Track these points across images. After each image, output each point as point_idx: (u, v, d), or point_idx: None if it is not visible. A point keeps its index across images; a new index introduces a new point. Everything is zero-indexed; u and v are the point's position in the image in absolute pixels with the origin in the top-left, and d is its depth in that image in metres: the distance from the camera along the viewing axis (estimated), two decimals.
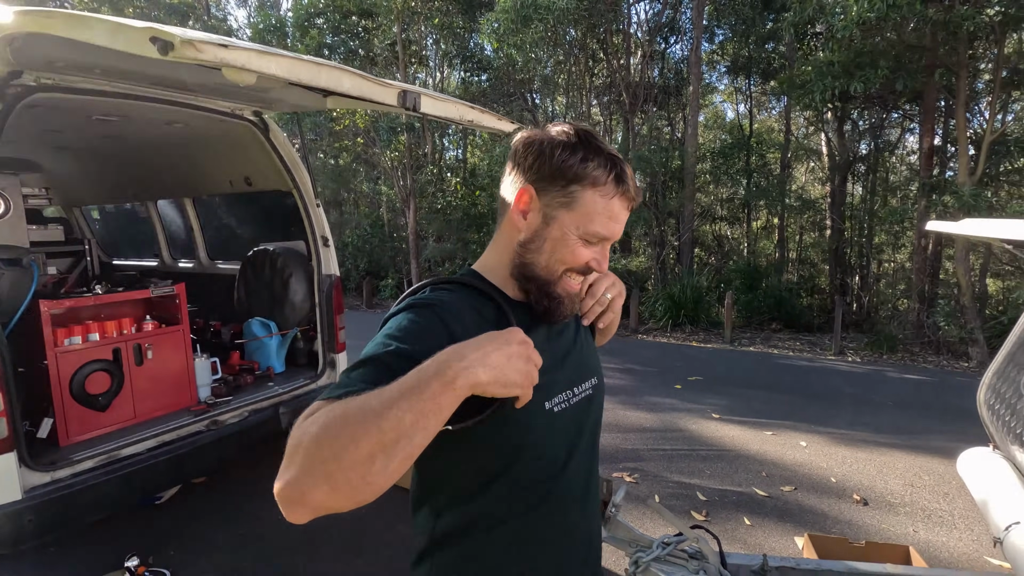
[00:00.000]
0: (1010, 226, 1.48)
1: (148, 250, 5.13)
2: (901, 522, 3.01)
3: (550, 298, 0.85)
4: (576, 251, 0.84)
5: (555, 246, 0.84)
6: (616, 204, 0.83)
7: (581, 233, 0.83)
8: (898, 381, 6.05)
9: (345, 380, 0.69)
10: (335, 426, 0.59)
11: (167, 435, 2.84)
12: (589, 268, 0.86)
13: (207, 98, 3.11)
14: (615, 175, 0.82)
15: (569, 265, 0.84)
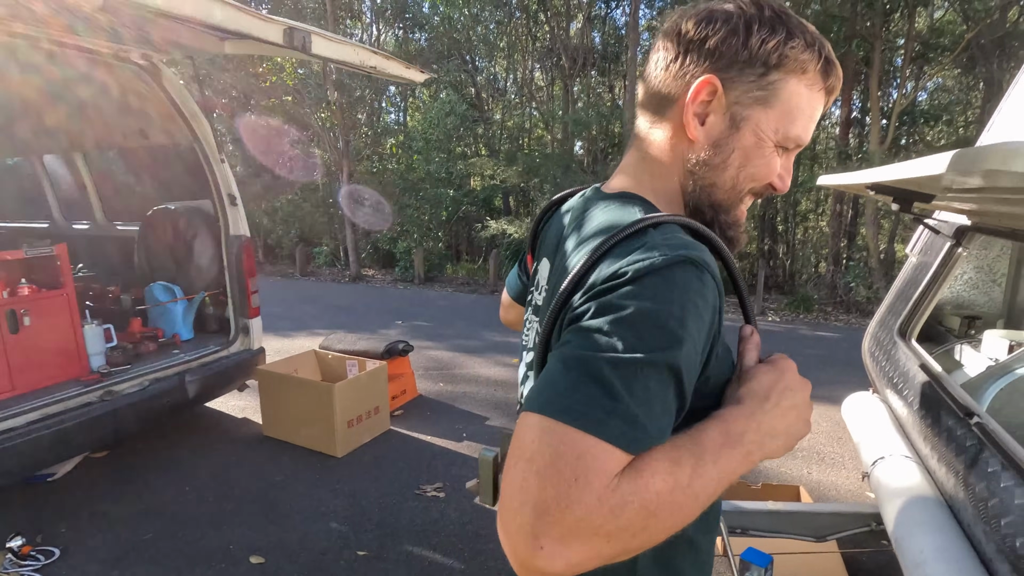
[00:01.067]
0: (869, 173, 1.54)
1: (38, 212, 4.67)
2: (798, 465, 3.22)
3: (735, 227, 0.68)
4: (772, 162, 0.65)
5: (747, 156, 0.64)
6: (820, 100, 0.64)
7: (780, 138, 0.63)
8: (810, 338, 6.45)
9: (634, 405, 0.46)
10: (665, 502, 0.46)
11: (52, 407, 2.62)
12: (772, 188, 0.67)
13: (85, 38, 2.79)
14: (824, 61, 0.62)
15: (759, 181, 0.66)
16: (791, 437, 0.58)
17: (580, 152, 13.42)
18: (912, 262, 2.29)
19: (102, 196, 4.22)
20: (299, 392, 3.40)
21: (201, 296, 3.59)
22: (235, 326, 3.57)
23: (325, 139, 12.00)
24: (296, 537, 2.56)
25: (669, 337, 0.48)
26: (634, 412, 0.46)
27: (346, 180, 11.60)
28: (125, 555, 2.44)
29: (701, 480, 0.48)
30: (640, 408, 0.46)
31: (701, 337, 0.52)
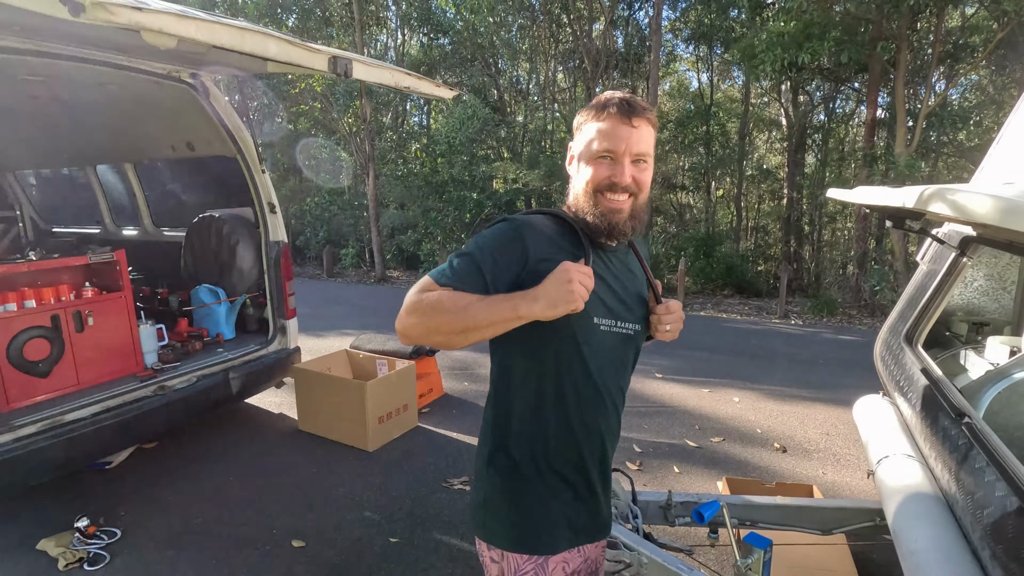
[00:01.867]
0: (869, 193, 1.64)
1: (90, 217, 4.99)
2: (813, 466, 3.30)
3: (599, 217, 1.04)
4: (597, 169, 1.03)
5: (583, 171, 1.05)
6: (609, 121, 1.02)
7: (592, 155, 1.03)
8: (832, 342, 6.44)
9: (449, 269, 1.00)
10: (443, 306, 0.94)
11: (112, 400, 2.87)
12: (612, 182, 1.02)
13: (141, 60, 3.03)
14: (605, 105, 1.03)
15: (597, 182, 1.03)
16: (548, 299, 0.90)
17: None
18: (922, 270, 2.36)
19: (150, 203, 4.50)
20: (333, 389, 3.61)
21: (243, 298, 3.83)
22: (273, 326, 3.79)
23: (352, 143, 12.31)
24: (333, 524, 2.75)
25: (478, 245, 1.02)
26: (446, 269, 1.00)
27: (372, 183, 11.88)
28: (179, 537, 2.66)
29: (473, 306, 0.93)
30: (451, 268, 1.00)
31: (504, 253, 1.01)
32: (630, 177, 1.02)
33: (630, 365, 1.18)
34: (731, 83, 19.26)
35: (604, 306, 1.07)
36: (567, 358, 1.06)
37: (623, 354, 1.13)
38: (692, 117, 12.85)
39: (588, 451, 1.10)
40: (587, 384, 1.07)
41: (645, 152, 1.04)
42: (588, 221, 1.06)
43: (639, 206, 1.07)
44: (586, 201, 1.06)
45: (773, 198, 15.65)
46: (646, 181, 1.06)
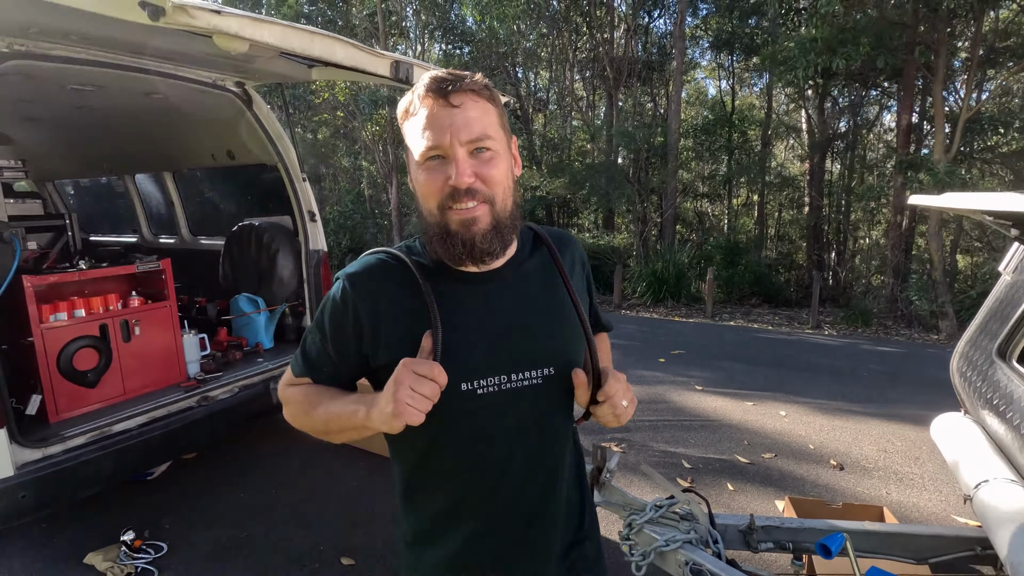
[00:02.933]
0: (988, 199, 1.54)
1: (126, 226, 5.01)
2: (875, 485, 3.16)
3: (451, 237, 0.81)
4: (430, 178, 0.80)
5: (417, 185, 0.84)
6: (423, 111, 0.79)
7: (419, 161, 0.81)
8: (872, 353, 6.26)
9: (302, 354, 0.93)
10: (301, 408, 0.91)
11: (158, 411, 2.83)
12: (455, 189, 0.79)
13: (189, 68, 3.02)
14: (416, 94, 0.81)
15: (436, 195, 0.80)
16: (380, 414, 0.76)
17: (623, 162, 13.40)
18: (1006, 280, 2.24)
19: (188, 212, 4.51)
20: None
21: (283, 308, 3.79)
22: None
23: (375, 152, 12.37)
24: (381, 540, 2.67)
25: (319, 316, 0.90)
26: (299, 355, 0.93)
27: (395, 192, 11.91)
28: (225, 552, 2.60)
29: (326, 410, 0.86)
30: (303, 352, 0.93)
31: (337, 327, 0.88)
32: (470, 174, 0.78)
33: (555, 423, 0.90)
34: (748, 91, 19.14)
35: (479, 360, 0.83)
36: (429, 449, 0.87)
37: (533, 413, 0.87)
38: (715, 124, 12.72)
39: (496, 549, 0.90)
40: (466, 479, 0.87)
41: (481, 135, 0.79)
42: (438, 249, 0.83)
43: (501, 212, 0.82)
44: (431, 222, 0.82)
45: (793, 206, 15.43)
46: (498, 176, 0.81)
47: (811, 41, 7.40)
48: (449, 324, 0.82)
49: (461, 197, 0.79)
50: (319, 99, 12.65)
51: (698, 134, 13.09)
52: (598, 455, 2.02)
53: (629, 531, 1.91)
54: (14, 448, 2.26)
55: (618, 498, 1.99)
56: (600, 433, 3.88)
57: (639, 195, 12.08)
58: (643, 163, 12.70)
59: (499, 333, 0.85)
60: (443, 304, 0.83)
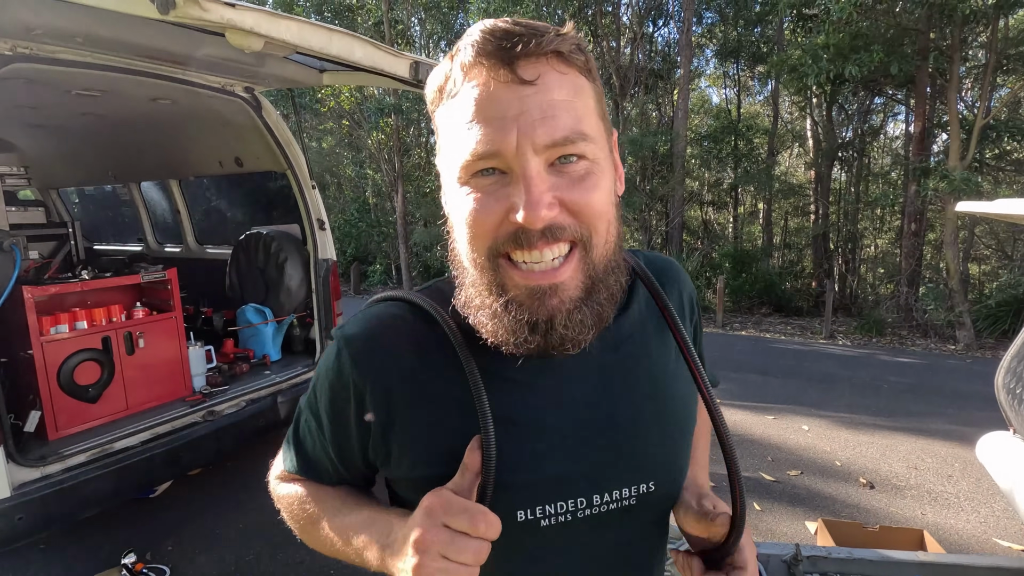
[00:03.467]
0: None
1: (131, 234, 4.93)
2: (908, 505, 3.02)
3: (510, 313, 0.51)
4: (480, 206, 0.49)
5: (454, 216, 0.53)
6: (472, 94, 0.49)
7: (460, 176, 0.51)
8: (890, 364, 6.12)
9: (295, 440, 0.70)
10: (296, 517, 0.68)
11: (162, 427, 2.71)
12: (519, 226, 0.48)
13: (196, 72, 2.93)
14: (458, 57, 0.50)
15: (486, 236, 0.50)
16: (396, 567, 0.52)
17: (630, 170, 13.32)
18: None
19: (194, 220, 4.42)
20: None
21: (291, 318, 3.68)
22: (320, 347, 3.63)
23: (380, 160, 12.32)
24: None
25: (312, 394, 0.65)
26: (291, 438, 0.69)
27: (400, 200, 11.84)
28: (231, 575, 2.48)
29: (326, 533, 0.61)
30: (296, 437, 0.69)
31: (336, 414, 0.61)
32: (551, 202, 0.48)
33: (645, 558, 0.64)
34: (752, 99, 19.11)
35: (548, 477, 0.56)
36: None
37: (619, 547, 0.61)
38: (721, 132, 12.65)
39: None
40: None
41: (572, 134, 0.48)
42: (487, 325, 0.53)
43: (601, 261, 0.52)
44: (476, 280, 0.53)
45: (798, 214, 15.33)
46: (598, 203, 0.50)
47: (822, 48, 7.33)
48: (502, 421, 0.54)
49: (534, 241, 0.48)
50: (325, 108, 12.63)
51: (704, 142, 13.02)
52: None
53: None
54: (11, 468, 2.15)
55: None
56: None
57: (646, 204, 11.98)
58: (650, 171, 12.62)
59: (577, 434, 0.57)
60: (493, 390, 0.54)
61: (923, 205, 8.27)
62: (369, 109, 11.52)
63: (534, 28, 0.49)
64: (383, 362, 0.58)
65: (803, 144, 16.64)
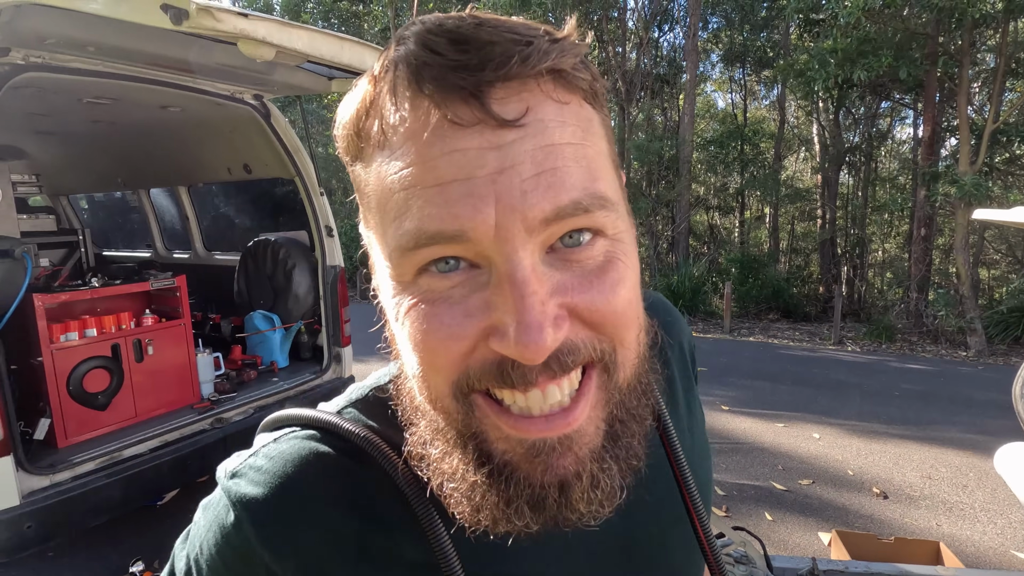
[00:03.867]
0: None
1: (140, 241, 4.95)
2: (923, 515, 2.97)
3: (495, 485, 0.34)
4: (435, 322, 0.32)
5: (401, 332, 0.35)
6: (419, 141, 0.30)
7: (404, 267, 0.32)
8: (900, 371, 6.06)
9: None
10: None
11: (170, 434, 2.71)
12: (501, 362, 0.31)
13: (206, 80, 2.94)
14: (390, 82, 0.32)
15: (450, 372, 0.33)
16: None
17: (636, 175, 13.31)
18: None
19: (202, 226, 4.43)
20: None
21: (299, 325, 3.68)
22: (328, 354, 3.63)
23: None
24: None
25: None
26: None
27: None
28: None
29: None
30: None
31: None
32: (559, 316, 0.31)
33: None
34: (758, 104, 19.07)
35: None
36: None
37: None
38: (728, 137, 12.62)
39: None
40: None
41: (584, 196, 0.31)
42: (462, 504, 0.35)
43: (625, 385, 0.35)
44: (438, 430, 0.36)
45: (805, 218, 15.26)
46: (623, 303, 0.33)
47: (830, 52, 7.30)
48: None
49: (532, 379, 0.31)
50: (332, 113, 12.69)
51: (711, 146, 12.99)
52: None
53: None
54: (20, 476, 2.15)
55: None
56: None
57: (652, 209, 11.95)
58: (656, 176, 12.60)
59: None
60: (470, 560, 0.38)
61: (932, 210, 8.21)
62: None
63: (514, 30, 0.31)
64: (310, 535, 0.39)
65: (810, 148, 16.59)
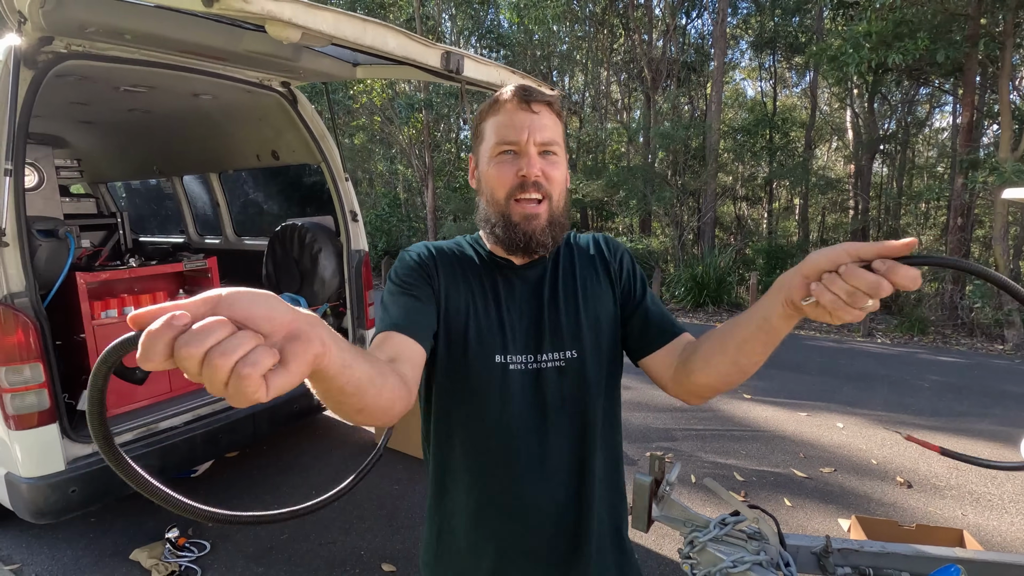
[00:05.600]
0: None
1: (173, 226, 5.12)
2: (948, 505, 2.92)
3: (513, 228, 0.88)
4: (500, 169, 0.88)
5: (486, 177, 0.90)
6: (505, 111, 0.88)
7: (492, 154, 0.89)
8: (932, 363, 5.90)
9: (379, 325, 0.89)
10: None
11: (202, 409, 2.83)
12: (524, 179, 0.87)
13: (235, 67, 3.03)
14: (498, 95, 0.90)
15: (505, 185, 0.88)
16: None
17: (661, 164, 13.15)
18: None
19: (232, 212, 4.56)
20: None
21: (324, 307, 3.78)
22: (352, 336, 3.72)
23: (411, 156, 12.46)
24: (415, 548, 2.60)
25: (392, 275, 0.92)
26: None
27: (431, 195, 11.96)
28: (267, 553, 2.57)
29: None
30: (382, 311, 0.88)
31: (413, 274, 0.90)
32: (539, 168, 0.87)
33: (579, 401, 0.92)
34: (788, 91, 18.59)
35: (517, 339, 0.90)
36: (467, 408, 0.90)
37: (556, 392, 0.91)
38: (757, 125, 12.34)
39: (515, 511, 0.91)
40: (500, 438, 0.89)
41: (552, 140, 0.88)
42: (499, 235, 0.90)
43: (556, 210, 0.90)
44: (495, 212, 0.90)
45: (836, 209, 14.87)
46: (559, 177, 0.89)
47: (864, 36, 7.08)
48: (495, 298, 0.92)
49: (528, 188, 0.87)
50: (357, 104, 12.84)
51: (738, 135, 12.73)
52: (656, 466, 1.89)
53: (690, 549, 1.77)
54: (65, 443, 2.28)
55: (678, 513, 1.85)
56: (647, 441, 3.74)
57: (677, 198, 11.80)
58: (682, 165, 12.42)
59: (530, 314, 0.92)
60: (498, 280, 0.94)
61: (971, 199, 7.93)
62: (400, 105, 11.64)
63: (540, 89, 0.90)
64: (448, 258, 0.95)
65: (842, 137, 16.13)
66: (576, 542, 0.95)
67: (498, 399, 0.89)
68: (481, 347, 0.88)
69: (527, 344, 0.90)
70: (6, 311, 2.10)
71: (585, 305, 0.94)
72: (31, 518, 2.26)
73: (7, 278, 2.13)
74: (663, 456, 1.89)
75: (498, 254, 0.94)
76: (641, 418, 4.15)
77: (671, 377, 0.90)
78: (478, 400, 0.89)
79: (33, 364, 2.15)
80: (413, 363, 0.78)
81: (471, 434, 0.91)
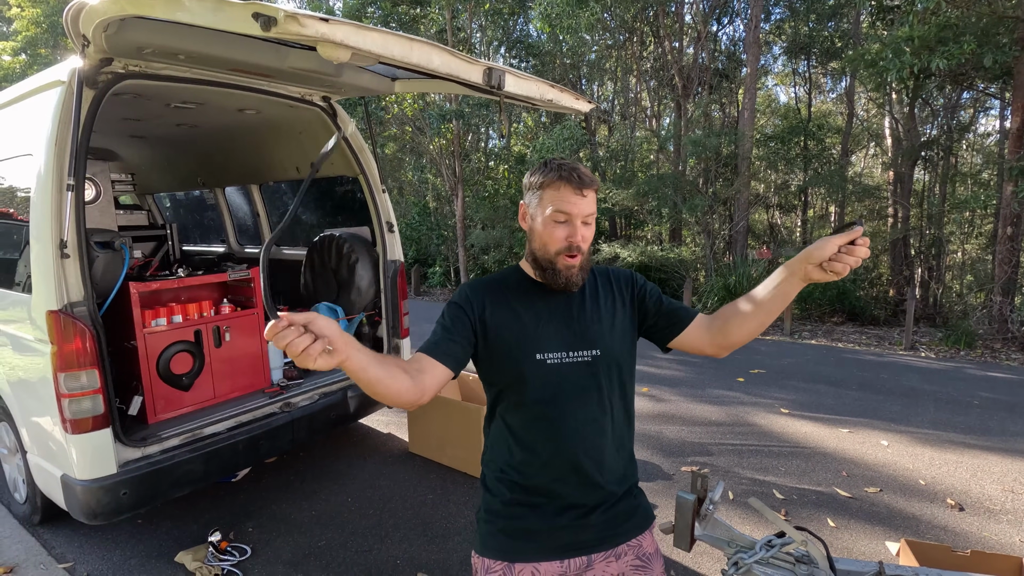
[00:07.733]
0: None
1: (215, 237, 5.29)
2: (1004, 530, 2.79)
3: (557, 273, 1.19)
4: (552, 232, 1.17)
5: (538, 233, 1.19)
6: (563, 190, 1.15)
7: (550, 219, 1.16)
8: (982, 379, 5.65)
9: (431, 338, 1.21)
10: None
11: (244, 416, 2.90)
12: (570, 244, 1.16)
13: (280, 83, 3.13)
14: (557, 175, 1.15)
15: (555, 245, 1.17)
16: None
17: (692, 172, 12.99)
18: None
19: (272, 223, 4.69)
20: (446, 412, 3.51)
21: (360, 316, 3.84)
22: (388, 345, 3.77)
23: (440, 165, 12.60)
24: (457, 559, 2.60)
25: (447, 308, 1.23)
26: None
27: (460, 204, 12.06)
28: (305, 559, 2.61)
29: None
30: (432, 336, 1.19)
31: (454, 310, 1.21)
32: (581, 237, 1.16)
33: (602, 387, 1.23)
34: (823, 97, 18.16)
35: (552, 341, 1.20)
36: (513, 393, 1.21)
37: (583, 380, 1.21)
38: (791, 132, 12.09)
39: (553, 475, 1.21)
40: (537, 415, 1.20)
41: (590, 215, 1.18)
42: (547, 276, 1.21)
43: (585, 258, 1.20)
44: (546, 259, 1.19)
45: (874, 217, 14.41)
46: (591, 237, 1.21)
47: (905, 40, 6.89)
48: (539, 313, 1.22)
49: (573, 250, 1.17)
50: (388, 115, 13.06)
51: (771, 142, 12.48)
52: (698, 484, 1.86)
53: (735, 570, 1.73)
54: (117, 447, 2.37)
55: (722, 532, 1.82)
56: (682, 456, 3.68)
57: (709, 206, 11.63)
58: (713, 173, 12.25)
59: (562, 324, 1.22)
60: (539, 300, 1.24)
61: (1021, 207, 7.60)
62: (431, 115, 11.80)
63: (590, 176, 1.17)
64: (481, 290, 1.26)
65: (880, 143, 15.68)
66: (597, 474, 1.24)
67: (539, 384, 1.19)
68: (524, 347, 1.18)
69: (560, 344, 1.21)
70: (66, 319, 2.20)
71: (603, 316, 1.26)
72: (84, 519, 2.35)
73: (67, 288, 2.23)
74: (705, 473, 1.85)
75: (540, 280, 1.24)
76: (675, 431, 4.08)
77: (709, 341, 1.24)
78: (522, 384, 1.19)
79: (89, 371, 2.25)
80: (433, 375, 1.10)
81: (518, 408, 1.21)
